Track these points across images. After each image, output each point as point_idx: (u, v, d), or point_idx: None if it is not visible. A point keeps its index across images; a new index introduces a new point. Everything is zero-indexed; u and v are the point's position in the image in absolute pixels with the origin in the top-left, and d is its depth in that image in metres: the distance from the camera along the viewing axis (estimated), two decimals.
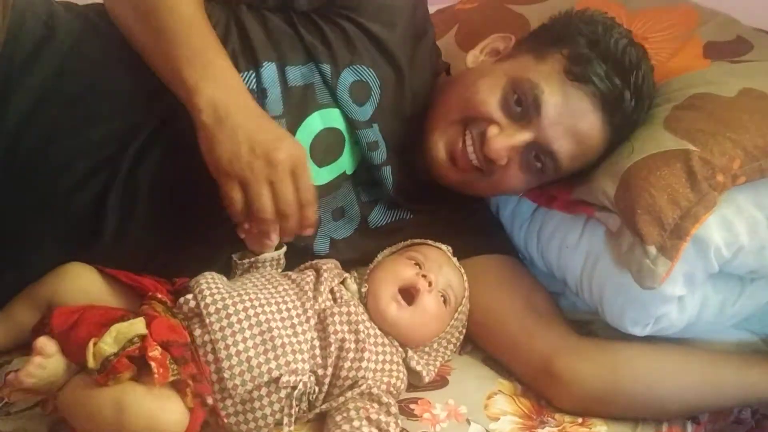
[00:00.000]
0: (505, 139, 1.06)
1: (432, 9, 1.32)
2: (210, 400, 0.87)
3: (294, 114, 1.07)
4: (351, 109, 1.10)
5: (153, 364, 0.82)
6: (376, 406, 0.95)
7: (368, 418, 0.92)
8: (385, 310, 1.02)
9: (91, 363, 0.82)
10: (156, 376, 0.81)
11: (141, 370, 0.83)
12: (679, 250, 0.99)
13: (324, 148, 1.10)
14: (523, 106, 1.06)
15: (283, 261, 1.07)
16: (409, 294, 1.03)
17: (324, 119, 1.09)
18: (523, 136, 1.06)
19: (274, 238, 0.98)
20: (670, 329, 1.08)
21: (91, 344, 0.83)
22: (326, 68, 1.08)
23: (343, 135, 1.11)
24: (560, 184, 1.14)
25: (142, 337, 0.84)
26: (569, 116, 1.05)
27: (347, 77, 1.09)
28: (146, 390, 0.82)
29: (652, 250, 1.00)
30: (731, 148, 1.02)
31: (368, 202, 1.18)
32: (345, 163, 1.12)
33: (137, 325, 0.85)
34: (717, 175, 1.00)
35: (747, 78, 1.11)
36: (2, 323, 0.96)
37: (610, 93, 1.04)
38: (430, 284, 1.04)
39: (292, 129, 1.06)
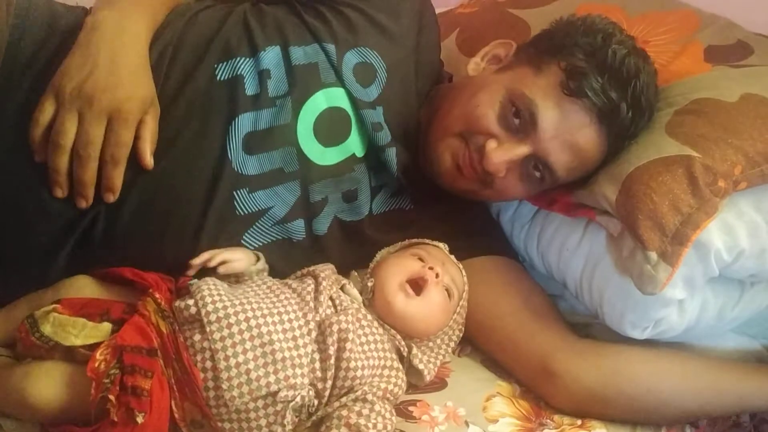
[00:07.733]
0: (503, 153, 1.08)
1: None
2: (179, 417, 0.89)
3: (298, 92, 1.07)
4: (355, 89, 1.10)
5: (91, 376, 0.84)
6: (358, 407, 0.94)
7: (347, 424, 0.92)
8: (393, 300, 1.02)
9: (44, 329, 0.89)
10: (92, 391, 0.84)
11: None
12: (680, 257, 0.99)
13: (328, 128, 1.09)
14: (520, 119, 1.07)
15: (266, 269, 1.04)
16: (416, 285, 1.03)
17: (328, 98, 1.09)
18: (521, 150, 1.08)
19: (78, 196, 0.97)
20: (669, 333, 1.08)
21: (52, 315, 0.89)
22: (330, 48, 1.09)
23: (348, 115, 1.10)
24: (561, 187, 1.14)
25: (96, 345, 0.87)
26: (565, 130, 1.06)
27: (351, 58, 1.11)
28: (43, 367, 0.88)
29: (653, 255, 1.00)
30: (733, 154, 1.02)
31: (375, 187, 1.17)
32: (354, 145, 1.11)
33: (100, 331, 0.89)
34: (718, 180, 1.00)
35: (748, 83, 1.11)
36: (1, 319, 0.96)
37: (606, 107, 1.05)
38: (437, 276, 1.04)
39: (297, 107, 1.06)
